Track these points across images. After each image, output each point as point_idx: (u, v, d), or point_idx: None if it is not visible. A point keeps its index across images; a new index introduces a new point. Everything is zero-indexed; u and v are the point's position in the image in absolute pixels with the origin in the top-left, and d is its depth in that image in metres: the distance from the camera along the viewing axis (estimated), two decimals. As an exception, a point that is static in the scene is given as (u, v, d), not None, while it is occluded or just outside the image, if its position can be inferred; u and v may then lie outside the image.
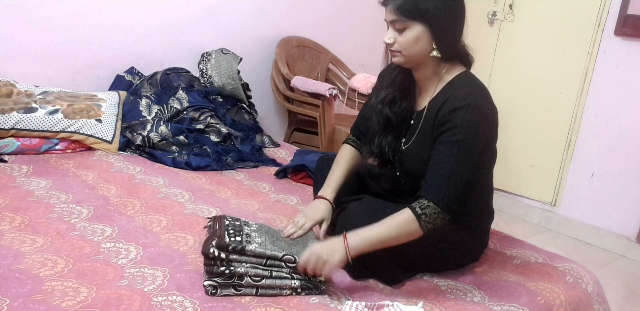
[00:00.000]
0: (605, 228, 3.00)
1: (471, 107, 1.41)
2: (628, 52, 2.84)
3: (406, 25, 1.44)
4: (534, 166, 3.29)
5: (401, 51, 1.47)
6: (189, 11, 2.89)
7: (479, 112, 1.42)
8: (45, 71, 2.57)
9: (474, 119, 1.41)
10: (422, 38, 1.44)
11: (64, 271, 1.39)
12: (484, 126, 1.45)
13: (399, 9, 1.43)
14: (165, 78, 2.67)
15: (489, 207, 1.68)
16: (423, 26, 1.43)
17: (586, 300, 1.60)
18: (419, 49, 1.46)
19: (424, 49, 1.46)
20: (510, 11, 3.27)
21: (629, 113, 2.87)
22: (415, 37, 1.44)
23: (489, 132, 1.50)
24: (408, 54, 1.47)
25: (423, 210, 1.39)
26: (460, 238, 1.58)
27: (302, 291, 1.38)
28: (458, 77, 1.51)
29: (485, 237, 1.69)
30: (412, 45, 1.45)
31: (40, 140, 2.27)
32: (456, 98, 1.43)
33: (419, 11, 1.41)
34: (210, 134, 2.54)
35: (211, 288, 1.34)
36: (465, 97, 1.43)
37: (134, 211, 1.83)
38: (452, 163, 1.40)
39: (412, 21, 1.43)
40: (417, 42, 1.44)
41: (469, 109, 1.41)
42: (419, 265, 1.58)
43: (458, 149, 1.40)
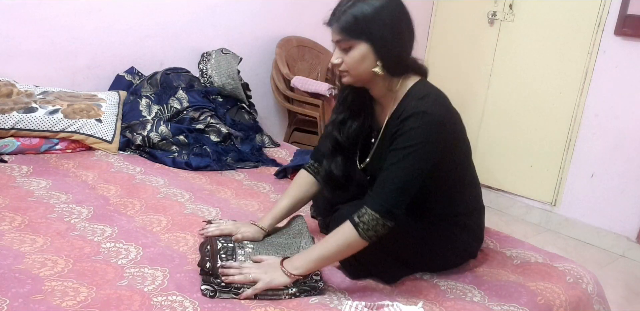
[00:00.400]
0: (605, 228, 3.00)
1: (420, 115, 1.40)
2: (628, 52, 2.84)
3: (351, 44, 1.43)
4: (534, 166, 3.29)
5: (349, 71, 1.46)
6: (189, 11, 2.89)
7: (428, 119, 1.40)
8: (45, 71, 2.57)
9: (423, 126, 1.39)
10: (367, 56, 1.43)
11: (64, 271, 1.39)
12: (435, 131, 1.41)
13: (341, 28, 1.42)
14: (165, 78, 2.67)
15: (479, 203, 1.68)
16: (367, 44, 1.42)
17: (586, 300, 1.59)
18: (366, 68, 1.44)
19: (371, 67, 1.44)
20: (510, 11, 3.27)
21: (629, 113, 2.87)
22: (361, 56, 1.43)
23: (444, 138, 1.44)
24: (356, 73, 1.46)
25: (360, 218, 1.37)
26: (456, 236, 1.59)
27: (301, 294, 1.38)
28: (412, 88, 1.49)
29: (480, 233, 1.69)
30: (359, 65, 1.44)
31: (40, 140, 2.27)
32: (408, 107, 1.43)
33: (361, 30, 1.40)
34: (210, 134, 2.54)
35: (209, 292, 1.34)
36: (416, 105, 1.42)
37: (134, 211, 1.83)
38: (397, 170, 1.39)
39: (355, 40, 1.42)
40: (364, 60, 1.43)
41: (417, 117, 1.40)
42: (417, 265, 1.58)
43: (404, 156, 1.39)
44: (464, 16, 3.53)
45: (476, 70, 3.48)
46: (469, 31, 3.51)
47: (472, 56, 3.50)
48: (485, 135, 3.47)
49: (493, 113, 3.43)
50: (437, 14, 3.69)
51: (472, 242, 1.66)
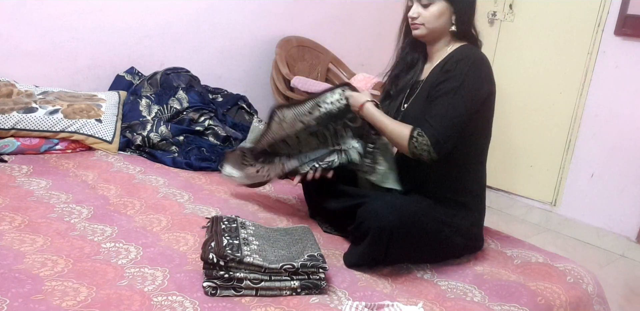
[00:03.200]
0: (605, 228, 3.00)
1: (471, 60, 1.59)
2: (628, 52, 2.84)
3: (431, 1, 1.64)
4: (534, 166, 3.29)
5: (424, 24, 1.66)
6: (189, 11, 2.89)
7: (478, 66, 1.60)
8: (45, 71, 2.57)
9: (472, 70, 1.58)
10: (444, 13, 1.64)
11: (64, 271, 1.39)
12: (482, 79, 1.60)
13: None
14: (165, 78, 2.66)
15: (482, 188, 1.76)
16: (446, 3, 1.63)
17: (586, 300, 1.60)
18: (440, 23, 1.65)
19: (445, 23, 1.66)
20: (510, 11, 3.27)
21: (629, 113, 2.87)
22: (440, 12, 1.64)
23: (487, 88, 1.62)
24: (430, 27, 1.66)
25: (418, 135, 1.54)
26: (460, 218, 1.64)
27: (302, 291, 1.38)
28: (462, 46, 1.69)
29: (480, 219, 1.75)
30: (435, 19, 1.65)
31: (40, 140, 2.27)
32: (458, 53, 1.63)
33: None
34: (209, 137, 2.54)
35: (210, 289, 1.34)
36: (465, 52, 1.63)
37: (133, 211, 1.83)
38: (448, 107, 1.55)
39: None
40: (440, 16, 1.64)
41: (468, 62, 1.59)
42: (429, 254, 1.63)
43: (454, 94, 1.55)
44: (464, 16, 3.52)
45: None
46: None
47: (472, 56, 3.50)
48: (485, 135, 3.47)
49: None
50: (437, 14, 3.69)
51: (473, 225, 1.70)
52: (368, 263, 1.56)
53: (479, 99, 1.59)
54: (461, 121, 1.55)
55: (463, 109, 1.55)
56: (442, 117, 1.54)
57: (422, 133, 1.53)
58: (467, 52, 1.64)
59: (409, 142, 1.55)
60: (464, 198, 1.68)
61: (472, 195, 1.71)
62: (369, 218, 1.52)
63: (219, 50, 3.05)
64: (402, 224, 1.50)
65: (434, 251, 1.63)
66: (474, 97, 1.57)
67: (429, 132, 1.53)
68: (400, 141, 1.58)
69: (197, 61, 2.95)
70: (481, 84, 1.60)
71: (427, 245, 1.59)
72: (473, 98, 1.57)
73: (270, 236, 1.58)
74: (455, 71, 1.57)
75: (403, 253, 1.57)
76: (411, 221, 1.52)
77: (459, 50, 1.66)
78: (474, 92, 1.57)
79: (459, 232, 1.63)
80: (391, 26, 1.69)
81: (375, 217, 1.51)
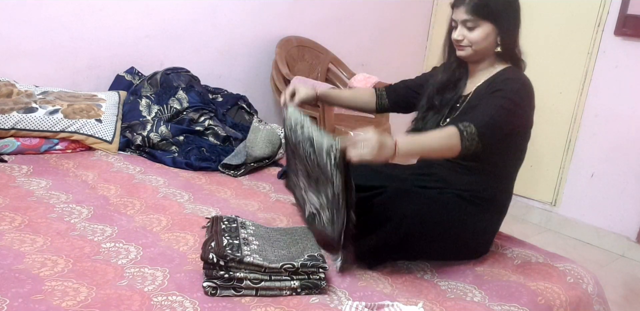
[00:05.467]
0: (605, 228, 3.00)
1: (521, 82, 1.63)
2: (628, 52, 2.84)
3: (477, 23, 1.64)
4: (534, 166, 3.29)
5: (471, 46, 1.67)
6: (189, 11, 2.89)
7: (526, 88, 1.63)
8: (45, 71, 2.57)
9: (522, 89, 1.62)
10: (490, 35, 1.65)
11: (64, 271, 1.39)
12: (528, 101, 1.64)
13: (472, 9, 1.62)
14: (165, 78, 2.66)
15: (507, 199, 1.77)
16: (492, 25, 1.64)
17: (586, 300, 1.60)
18: (486, 45, 1.67)
19: (490, 44, 1.67)
20: (510, 11, 3.27)
21: (629, 113, 2.87)
22: (486, 34, 1.65)
23: (529, 112, 1.66)
24: (476, 49, 1.67)
25: (466, 128, 1.51)
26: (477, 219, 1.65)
27: (302, 291, 1.38)
28: (507, 68, 1.71)
29: (495, 226, 1.76)
30: (482, 41, 1.66)
31: (40, 140, 2.27)
32: (506, 74, 1.67)
33: (490, 12, 1.63)
34: (209, 136, 2.54)
35: (210, 289, 1.34)
36: (513, 75, 1.66)
37: (134, 211, 1.83)
38: (494, 109, 1.56)
39: (483, 20, 1.63)
40: (486, 38, 1.66)
41: (519, 82, 1.63)
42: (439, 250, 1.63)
43: (502, 102, 1.57)
44: (464, 16, 3.53)
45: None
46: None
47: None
48: (485, 135, 3.47)
49: (493, 113, 3.43)
50: (437, 14, 3.69)
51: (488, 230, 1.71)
52: (381, 254, 1.56)
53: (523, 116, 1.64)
54: (503, 123, 1.57)
55: (506, 117, 1.57)
56: (484, 114, 1.55)
57: (467, 125, 1.52)
58: (516, 73, 1.67)
59: (461, 137, 1.50)
60: (487, 204, 1.69)
61: (495, 202, 1.71)
62: (392, 204, 1.52)
63: (219, 50, 3.05)
64: (424, 211, 1.52)
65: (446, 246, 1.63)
66: (519, 113, 1.61)
67: (476, 122, 1.53)
68: (452, 143, 1.50)
69: (197, 60, 2.95)
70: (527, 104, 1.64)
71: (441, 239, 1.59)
72: (518, 113, 1.61)
73: (270, 236, 1.58)
74: (505, 88, 1.59)
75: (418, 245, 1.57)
76: (433, 210, 1.54)
77: (506, 71, 1.68)
78: (519, 109, 1.61)
79: (473, 233, 1.64)
80: (391, 26, 1.68)
81: (400, 203, 1.51)
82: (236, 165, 2.33)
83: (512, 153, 1.72)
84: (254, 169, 2.39)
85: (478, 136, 1.51)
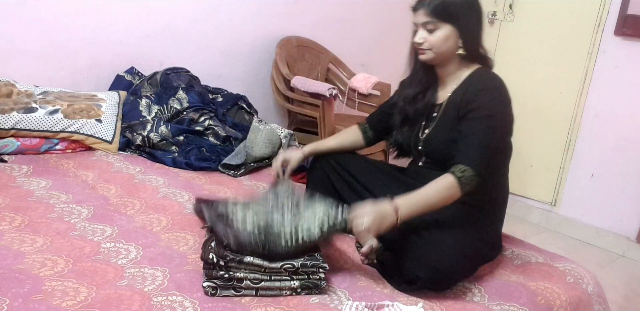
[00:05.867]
0: (605, 228, 3.00)
1: (496, 89, 1.61)
2: (628, 52, 2.84)
3: (437, 26, 1.62)
4: (534, 166, 3.29)
5: (431, 49, 1.65)
6: (189, 11, 2.89)
7: (502, 94, 1.62)
8: (45, 71, 2.57)
9: (498, 99, 1.60)
10: (450, 37, 1.63)
11: (64, 271, 1.39)
12: (507, 107, 1.62)
13: (431, 11, 1.61)
14: (165, 78, 2.66)
15: (505, 198, 1.77)
16: (452, 27, 1.62)
17: (586, 300, 1.60)
18: (448, 47, 1.64)
19: (452, 47, 1.64)
20: (510, 11, 3.27)
21: (629, 113, 2.87)
22: (446, 36, 1.63)
23: (510, 116, 1.64)
24: (437, 51, 1.64)
25: (462, 173, 1.51)
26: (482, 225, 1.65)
27: (302, 291, 1.38)
28: (477, 70, 1.69)
29: (499, 226, 1.76)
30: (442, 44, 1.63)
31: (40, 140, 2.27)
32: (480, 81, 1.64)
33: (450, 13, 1.61)
34: (209, 137, 2.54)
35: (210, 289, 1.34)
36: (485, 80, 1.64)
37: (134, 211, 1.83)
38: (483, 135, 1.55)
39: (442, 22, 1.62)
40: (447, 40, 1.63)
41: (494, 91, 1.61)
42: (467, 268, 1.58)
43: (487, 122, 1.56)
44: (464, 16, 3.53)
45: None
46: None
47: (472, 56, 3.50)
48: (485, 135, 3.47)
49: (493, 113, 3.43)
50: (437, 14, 3.69)
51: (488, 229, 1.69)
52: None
53: (509, 124, 1.64)
54: (496, 147, 1.58)
55: (496, 136, 1.58)
56: (477, 147, 1.54)
57: (463, 168, 1.51)
58: (485, 79, 1.64)
59: (460, 185, 1.49)
60: (488, 205, 1.69)
61: (495, 204, 1.72)
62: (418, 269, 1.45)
63: (219, 50, 3.05)
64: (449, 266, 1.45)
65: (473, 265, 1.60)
66: (505, 124, 1.62)
67: (470, 162, 1.52)
68: (451, 192, 1.50)
69: (197, 60, 2.95)
70: (508, 112, 1.63)
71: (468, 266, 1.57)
72: (504, 125, 1.62)
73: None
74: (480, 101, 1.58)
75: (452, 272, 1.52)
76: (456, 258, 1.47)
77: (476, 76, 1.66)
78: (505, 120, 1.61)
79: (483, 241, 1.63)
80: (391, 26, 1.68)
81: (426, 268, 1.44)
82: (236, 165, 2.33)
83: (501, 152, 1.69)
84: (254, 169, 2.39)
85: (476, 175, 1.51)
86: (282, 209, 1.53)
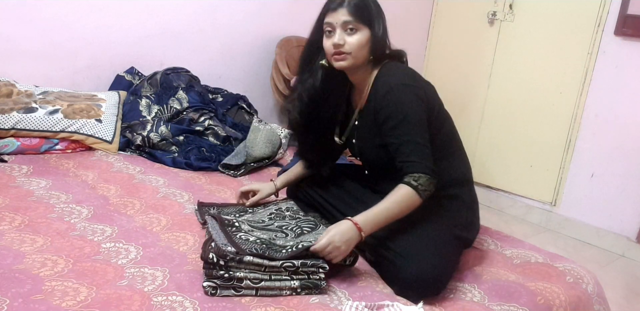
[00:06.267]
0: (605, 228, 3.00)
1: (395, 88, 1.54)
2: (628, 52, 2.84)
3: (358, 27, 1.55)
4: (534, 166, 3.29)
5: (351, 53, 1.56)
6: (189, 11, 2.89)
7: (403, 90, 1.54)
8: (45, 71, 2.57)
9: (402, 96, 1.54)
10: (367, 41, 1.56)
11: (64, 271, 1.39)
12: (414, 98, 1.55)
13: (354, 11, 1.54)
14: (165, 78, 2.67)
15: (466, 176, 1.73)
16: (368, 30, 1.56)
17: (586, 300, 1.59)
18: (364, 52, 1.57)
19: (367, 53, 1.58)
20: (510, 11, 3.27)
21: (629, 113, 2.87)
22: (366, 40, 1.56)
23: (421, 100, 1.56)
24: (356, 56, 1.57)
25: (417, 181, 1.48)
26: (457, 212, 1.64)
27: (302, 291, 1.38)
28: (380, 70, 1.62)
29: (473, 205, 1.73)
30: (362, 47, 1.56)
31: (40, 140, 2.27)
32: (384, 84, 1.57)
33: (369, 16, 1.56)
34: (209, 137, 2.54)
35: (210, 289, 1.34)
36: (387, 80, 1.57)
37: (133, 211, 1.83)
38: (410, 139, 1.52)
39: (362, 24, 1.55)
40: (365, 44, 1.56)
41: (394, 90, 1.54)
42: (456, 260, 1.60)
43: (407, 124, 1.52)
44: (464, 16, 3.53)
45: (476, 70, 3.49)
46: (469, 31, 3.51)
47: (472, 56, 3.50)
48: (485, 135, 3.47)
49: (493, 113, 3.43)
50: (437, 14, 3.69)
51: (464, 213, 1.67)
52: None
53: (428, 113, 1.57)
54: (427, 143, 1.53)
55: (422, 133, 1.53)
56: (415, 152, 1.51)
57: (417, 176, 1.49)
58: (388, 79, 1.57)
59: (418, 192, 1.48)
60: (450, 190, 1.65)
61: (458, 186, 1.68)
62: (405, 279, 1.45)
63: (219, 50, 3.05)
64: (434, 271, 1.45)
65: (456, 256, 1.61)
66: (422, 118, 1.55)
67: (418, 167, 1.49)
68: (411, 201, 1.49)
69: (197, 60, 2.95)
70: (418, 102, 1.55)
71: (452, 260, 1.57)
72: (422, 119, 1.54)
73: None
74: (390, 106, 1.53)
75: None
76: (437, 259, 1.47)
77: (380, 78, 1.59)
78: (420, 114, 1.54)
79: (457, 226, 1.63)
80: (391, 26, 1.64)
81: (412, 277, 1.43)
82: (236, 165, 2.33)
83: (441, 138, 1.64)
84: (253, 169, 2.39)
85: (432, 177, 1.49)
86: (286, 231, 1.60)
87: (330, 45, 1.57)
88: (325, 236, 1.42)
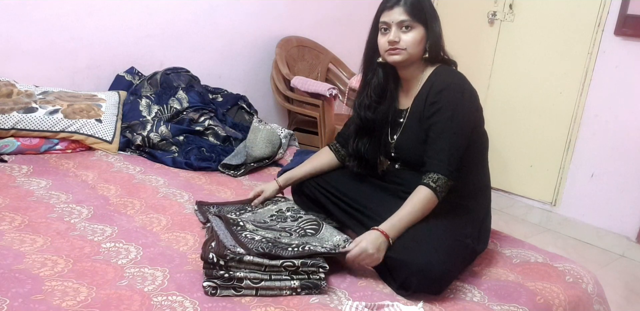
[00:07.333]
0: (605, 228, 3.00)
1: (454, 86, 1.59)
2: (628, 52, 2.84)
3: (413, 25, 1.61)
4: (534, 166, 3.29)
5: (406, 49, 1.61)
6: (189, 11, 2.89)
7: (461, 90, 1.60)
8: (45, 71, 2.57)
9: (458, 96, 1.58)
10: (423, 39, 1.62)
11: (64, 271, 1.39)
12: (469, 101, 1.61)
13: (409, 10, 1.60)
14: (165, 78, 2.67)
15: (485, 190, 1.75)
16: (423, 29, 1.62)
17: (586, 300, 1.60)
18: (420, 49, 1.63)
19: (423, 49, 1.64)
20: (510, 11, 3.27)
21: (629, 113, 2.87)
22: (421, 37, 1.62)
23: (475, 109, 1.64)
24: (412, 52, 1.61)
25: (436, 183, 1.53)
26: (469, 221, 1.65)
27: (302, 291, 1.38)
28: (436, 70, 1.66)
29: (487, 219, 1.74)
30: (417, 44, 1.61)
31: (40, 140, 2.27)
32: (441, 81, 1.61)
33: (424, 15, 1.62)
34: (209, 137, 2.54)
35: (210, 289, 1.34)
36: (446, 79, 1.61)
37: (133, 211, 1.83)
38: (448, 137, 1.56)
39: (417, 23, 1.61)
40: (421, 41, 1.62)
41: (452, 89, 1.58)
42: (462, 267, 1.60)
43: (450, 123, 1.56)
44: (464, 16, 3.53)
45: (476, 70, 3.48)
46: (469, 31, 3.51)
47: (472, 56, 3.50)
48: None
49: (493, 113, 3.43)
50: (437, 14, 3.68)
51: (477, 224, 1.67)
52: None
53: (474, 122, 1.62)
54: (463, 147, 1.57)
55: (462, 136, 1.57)
56: (446, 151, 1.55)
57: (435, 177, 1.53)
58: (446, 78, 1.61)
59: (436, 194, 1.53)
60: (467, 200, 1.66)
61: (475, 197, 1.69)
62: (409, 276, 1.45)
63: (219, 50, 3.05)
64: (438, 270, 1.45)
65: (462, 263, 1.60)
66: (469, 122, 1.60)
67: (440, 168, 1.54)
68: (430, 203, 1.54)
69: (197, 61, 2.95)
70: (472, 106, 1.62)
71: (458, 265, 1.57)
72: (468, 123, 1.59)
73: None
74: (442, 102, 1.57)
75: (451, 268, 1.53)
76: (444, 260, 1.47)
77: (437, 76, 1.63)
78: (468, 118, 1.59)
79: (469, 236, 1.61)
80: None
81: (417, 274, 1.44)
82: (236, 165, 2.33)
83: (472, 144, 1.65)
84: (253, 169, 2.39)
85: (450, 180, 1.54)
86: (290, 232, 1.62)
87: (385, 42, 1.62)
88: (357, 246, 1.47)
